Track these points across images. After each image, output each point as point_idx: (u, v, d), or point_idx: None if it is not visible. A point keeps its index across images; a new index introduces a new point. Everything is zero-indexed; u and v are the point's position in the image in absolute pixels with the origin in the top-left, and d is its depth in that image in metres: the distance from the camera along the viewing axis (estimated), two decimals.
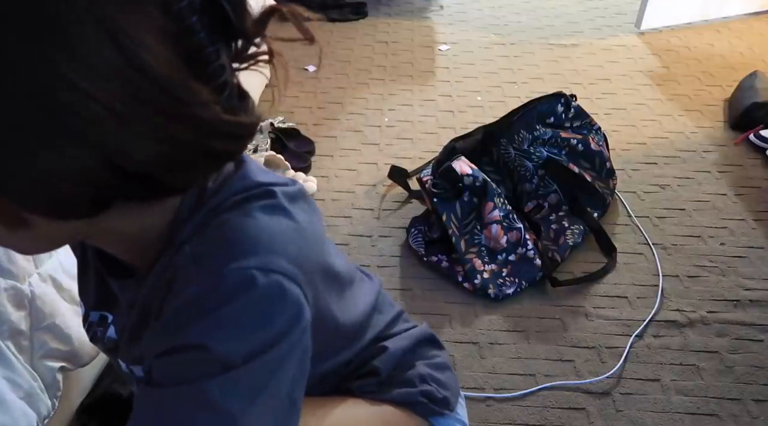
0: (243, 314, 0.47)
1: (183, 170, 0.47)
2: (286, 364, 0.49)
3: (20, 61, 0.39)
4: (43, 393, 0.94)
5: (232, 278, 0.47)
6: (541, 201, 1.66)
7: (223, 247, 0.49)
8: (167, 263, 0.52)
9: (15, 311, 0.92)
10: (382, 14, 2.92)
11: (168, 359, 0.48)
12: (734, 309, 1.43)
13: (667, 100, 2.24)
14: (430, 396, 0.76)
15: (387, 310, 0.81)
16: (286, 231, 0.53)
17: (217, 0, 0.45)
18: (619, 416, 1.20)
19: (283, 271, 0.49)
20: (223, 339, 0.47)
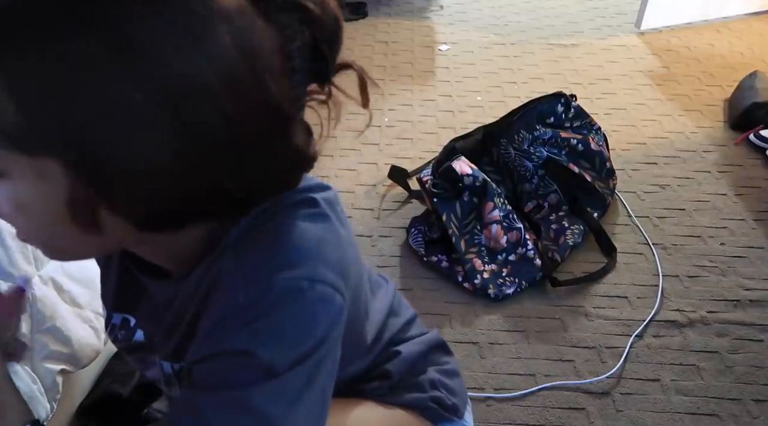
0: (290, 323, 0.48)
1: (261, 194, 0.50)
2: (323, 368, 0.51)
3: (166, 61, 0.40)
4: (42, 396, 0.94)
5: (280, 288, 0.48)
6: (541, 201, 1.66)
7: (271, 255, 0.50)
8: (209, 267, 0.52)
9: None
10: (382, 14, 2.92)
11: (213, 363, 0.49)
12: (734, 309, 1.43)
13: (667, 100, 2.24)
14: (439, 402, 0.76)
15: (402, 313, 0.81)
16: (330, 239, 0.53)
17: (320, 47, 0.49)
18: (619, 416, 1.20)
19: (328, 281, 0.50)
20: (270, 347, 0.48)
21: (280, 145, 0.47)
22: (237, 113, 0.43)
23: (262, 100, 0.44)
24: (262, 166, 0.47)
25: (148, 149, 0.41)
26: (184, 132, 0.41)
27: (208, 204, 0.47)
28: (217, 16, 0.41)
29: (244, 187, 0.47)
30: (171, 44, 0.40)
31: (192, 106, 0.41)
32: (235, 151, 0.44)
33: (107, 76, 0.39)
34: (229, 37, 0.42)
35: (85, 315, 1.04)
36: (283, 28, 0.45)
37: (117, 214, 0.45)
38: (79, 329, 1.02)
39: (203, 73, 0.41)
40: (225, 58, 0.42)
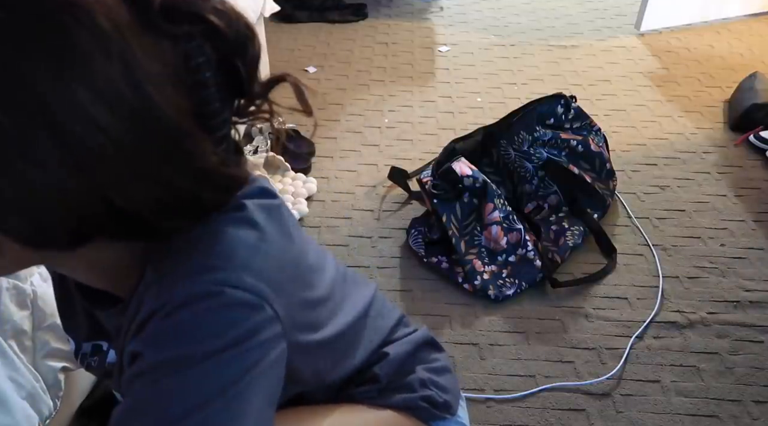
0: (194, 322, 0.47)
1: (171, 216, 0.48)
2: (250, 379, 0.48)
3: (39, 84, 0.39)
4: (45, 393, 0.94)
5: (188, 290, 0.47)
6: (541, 202, 1.66)
7: (183, 261, 0.49)
8: (144, 289, 0.52)
9: (18, 311, 0.92)
10: (382, 15, 2.92)
11: (131, 372, 0.48)
12: (734, 310, 1.43)
13: (666, 101, 2.24)
14: (430, 400, 0.76)
15: (388, 315, 0.80)
16: (252, 244, 0.51)
17: (232, 61, 0.47)
18: (619, 417, 1.20)
19: (245, 286, 0.48)
20: (166, 347, 0.47)
21: (181, 163, 0.45)
22: (112, 124, 0.41)
23: (145, 116, 0.42)
24: (158, 184, 0.45)
25: (27, 170, 0.40)
26: (58, 146, 0.40)
27: (102, 222, 0.45)
28: (94, 39, 0.40)
29: (138, 206, 0.45)
30: (55, 85, 0.39)
31: (64, 124, 0.40)
32: (115, 165, 0.42)
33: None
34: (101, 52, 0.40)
35: None
36: (182, 41, 0.44)
37: (6, 234, 0.44)
38: None
39: (73, 93, 0.40)
40: (111, 85, 0.41)
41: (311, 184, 1.77)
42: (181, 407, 0.45)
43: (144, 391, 0.47)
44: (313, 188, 1.76)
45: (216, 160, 0.47)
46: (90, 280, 0.56)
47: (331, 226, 1.66)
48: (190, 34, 0.45)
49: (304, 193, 1.73)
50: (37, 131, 0.40)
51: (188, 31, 0.45)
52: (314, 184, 1.77)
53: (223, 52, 0.47)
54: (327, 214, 1.70)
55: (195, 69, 0.45)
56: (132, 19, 0.42)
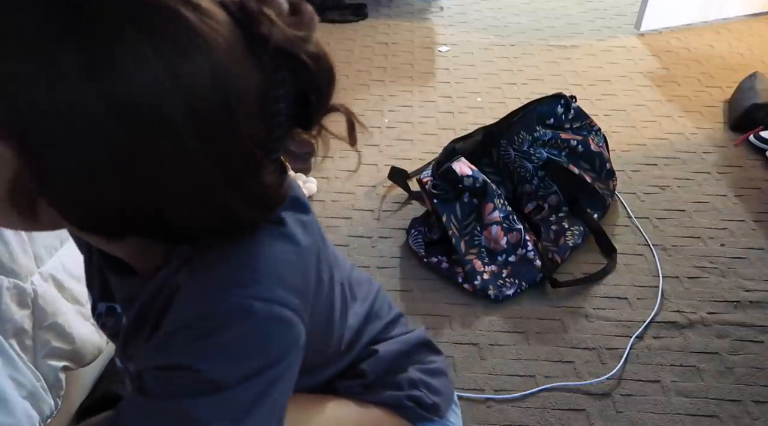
0: (237, 341, 0.48)
1: (214, 232, 0.49)
2: (274, 388, 0.50)
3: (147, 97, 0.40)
4: (46, 393, 0.94)
5: (231, 306, 0.48)
6: (541, 202, 1.66)
7: (227, 273, 0.50)
8: (169, 275, 0.52)
9: (18, 310, 0.92)
10: (382, 15, 2.92)
11: (160, 373, 0.49)
12: (734, 310, 1.43)
13: (667, 101, 2.24)
14: (418, 401, 0.75)
15: (384, 315, 0.80)
16: (288, 259, 0.53)
17: (307, 95, 0.48)
18: (619, 417, 1.20)
19: (284, 302, 0.50)
20: (214, 363, 0.48)
21: (242, 187, 0.46)
22: (197, 153, 0.43)
23: (228, 142, 0.44)
24: (215, 205, 0.46)
25: (96, 159, 0.41)
26: (137, 154, 0.41)
27: (146, 226, 0.47)
28: (201, 50, 0.41)
29: (190, 220, 0.47)
30: (145, 67, 0.40)
31: (150, 132, 0.41)
32: (185, 184, 0.44)
33: (72, 82, 0.39)
34: (209, 72, 0.41)
35: (87, 313, 1.04)
36: (271, 72, 0.45)
37: (54, 208, 0.45)
38: (81, 326, 1.02)
39: (171, 101, 0.41)
40: (198, 91, 0.41)
41: (311, 184, 1.77)
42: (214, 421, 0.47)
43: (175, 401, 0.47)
44: (313, 188, 1.76)
45: (269, 183, 0.48)
46: (113, 252, 0.57)
47: (331, 226, 1.66)
48: (281, 68, 0.46)
49: (304, 193, 1.72)
50: (128, 142, 0.41)
51: (281, 65, 0.46)
52: (314, 184, 1.77)
53: (303, 87, 0.48)
54: (327, 214, 1.70)
55: (274, 99, 0.46)
56: (243, 52, 0.44)
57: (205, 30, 0.41)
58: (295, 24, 0.46)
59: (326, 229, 1.65)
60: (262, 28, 0.44)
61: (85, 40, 0.39)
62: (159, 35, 0.40)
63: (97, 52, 0.39)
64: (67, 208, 0.45)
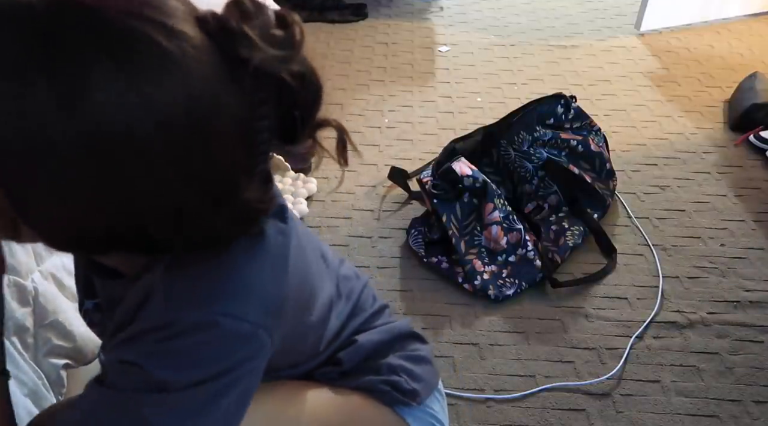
0: (192, 350, 0.50)
1: (197, 246, 0.50)
2: (226, 395, 0.51)
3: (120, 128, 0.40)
4: (47, 390, 0.94)
5: (193, 317, 0.50)
6: (541, 202, 1.66)
7: (196, 285, 0.51)
8: (149, 281, 0.53)
9: (19, 308, 0.92)
10: (382, 15, 2.92)
11: (119, 367, 0.51)
12: (734, 310, 1.43)
13: (667, 101, 2.24)
14: (395, 385, 0.75)
15: (368, 307, 0.80)
16: (263, 275, 0.54)
17: (290, 112, 0.48)
18: (619, 417, 1.20)
19: (250, 319, 0.51)
20: (165, 367, 0.49)
21: (224, 206, 0.47)
22: (174, 179, 0.43)
23: (208, 171, 0.44)
24: (196, 223, 0.47)
25: (71, 188, 0.42)
26: (112, 183, 0.42)
27: (129, 243, 0.48)
28: (175, 75, 0.41)
29: (171, 236, 0.47)
30: (118, 101, 0.39)
31: (124, 162, 0.41)
32: (164, 209, 0.44)
33: (44, 113, 0.39)
34: (183, 98, 0.41)
35: None
36: (252, 93, 0.45)
37: (33, 231, 0.46)
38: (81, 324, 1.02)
39: (144, 133, 0.40)
40: (172, 119, 0.41)
41: (311, 184, 1.77)
42: (159, 419, 0.49)
43: (125, 394, 0.50)
44: (313, 188, 1.76)
45: (252, 198, 0.48)
46: (97, 258, 0.58)
47: (331, 226, 1.66)
48: (261, 88, 0.45)
49: (304, 193, 1.73)
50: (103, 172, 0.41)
51: (262, 85, 0.45)
52: (314, 184, 1.77)
53: (287, 106, 0.48)
54: (327, 214, 1.70)
55: (256, 117, 0.46)
56: (221, 75, 0.43)
57: (180, 56, 0.41)
58: (279, 41, 0.45)
59: (326, 229, 1.65)
60: (242, 51, 0.43)
61: (56, 72, 0.39)
62: (132, 64, 0.40)
63: (69, 83, 0.39)
64: (46, 232, 0.46)
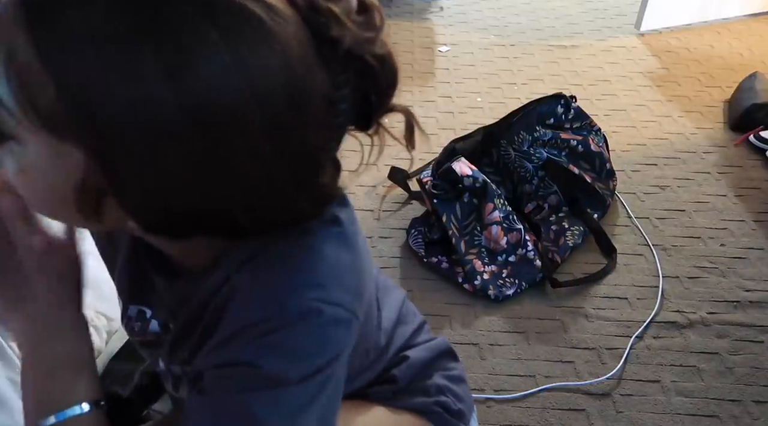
0: (300, 340, 0.49)
1: (275, 226, 0.50)
2: (329, 386, 0.51)
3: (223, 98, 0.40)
4: None
5: (295, 307, 0.49)
6: (541, 202, 1.66)
7: (289, 276, 0.50)
8: (225, 278, 0.52)
9: None
10: None
11: (220, 372, 0.50)
12: (734, 310, 1.43)
13: (667, 101, 2.24)
14: (445, 406, 0.76)
15: (411, 321, 0.81)
16: (348, 261, 0.54)
17: (369, 96, 0.48)
18: (619, 417, 1.20)
19: (344, 304, 0.51)
20: (276, 360, 0.48)
21: (307, 187, 0.47)
22: (270, 155, 0.43)
23: (299, 149, 0.44)
24: (282, 204, 0.47)
25: (171, 161, 0.41)
26: (211, 157, 0.42)
27: (214, 225, 0.47)
28: (275, 54, 0.41)
29: (255, 218, 0.47)
30: (223, 73, 0.40)
31: (226, 136, 0.41)
32: (256, 187, 0.44)
33: (152, 84, 0.39)
34: (281, 72, 0.41)
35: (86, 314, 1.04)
36: (337, 74, 0.45)
37: (124, 210, 0.45)
38: None
39: (247, 108, 0.41)
40: (271, 93, 0.41)
41: None
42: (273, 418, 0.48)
43: (237, 397, 0.48)
44: None
45: (329, 182, 0.49)
46: (172, 252, 0.57)
47: None
48: (346, 69, 0.46)
49: None
50: (203, 144, 0.41)
51: (346, 66, 0.46)
52: None
53: (365, 88, 0.48)
54: None
55: (338, 100, 0.46)
56: (313, 53, 0.43)
57: (278, 31, 0.41)
58: (363, 24, 0.46)
59: None
60: (333, 30, 0.44)
61: (163, 41, 0.39)
62: (234, 36, 0.40)
63: (175, 53, 0.39)
64: (136, 209, 0.45)
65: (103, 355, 1.12)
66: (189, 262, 0.57)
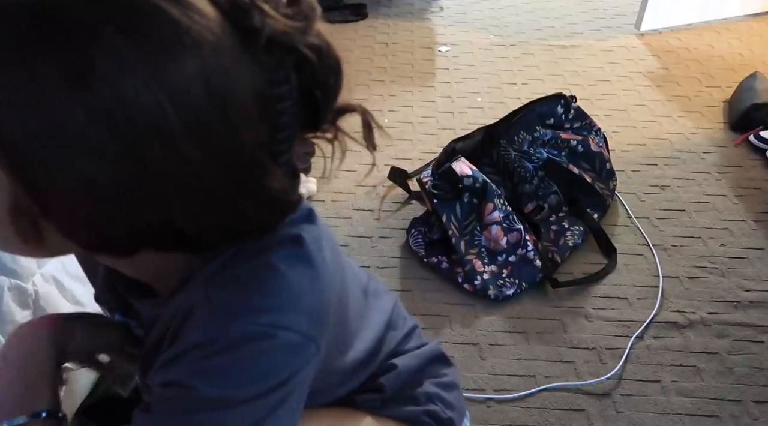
0: (241, 365, 0.48)
1: (228, 238, 0.48)
2: (281, 409, 0.50)
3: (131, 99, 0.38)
4: None
5: (241, 331, 0.48)
6: (541, 202, 1.66)
7: (240, 297, 0.49)
8: (187, 296, 0.52)
9: (20, 311, 0.92)
10: (382, 15, 2.92)
11: (163, 390, 0.49)
12: (734, 310, 1.43)
13: (666, 101, 2.24)
14: (434, 416, 0.75)
15: (401, 326, 0.80)
16: (305, 284, 0.52)
17: (313, 93, 0.46)
18: (619, 417, 1.20)
19: (297, 328, 0.49)
20: (213, 384, 0.47)
21: (250, 192, 0.45)
22: (196, 156, 0.40)
23: (229, 146, 0.42)
24: (225, 211, 0.45)
25: (92, 174, 0.39)
26: (134, 164, 0.39)
27: (160, 237, 0.46)
28: (186, 48, 0.39)
29: (202, 228, 0.45)
30: (129, 72, 0.37)
31: (144, 140, 0.39)
32: (191, 193, 0.42)
33: (55, 97, 0.37)
34: (198, 72, 0.39)
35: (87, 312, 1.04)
36: (271, 70, 0.43)
37: (57, 230, 0.44)
38: None
39: (162, 109, 0.38)
40: (190, 97, 0.39)
41: (311, 184, 1.77)
42: None
43: (178, 418, 0.48)
44: (312, 188, 1.76)
45: (280, 187, 0.46)
46: (129, 274, 0.56)
47: (331, 226, 1.66)
48: (281, 64, 0.44)
49: (304, 193, 1.73)
50: (124, 154, 0.39)
51: (281, 61, 0.44)
52: (314, 184, 1.77)
53: (307, 83, 0.46)
54: (327, 214, 1.70)
55: (277, 97, 0.44)
56: (235, 48, 0.41)
57: (191, 26, 0.39)
58: (291, 15, 0.44)
59: None
60: (253, 19, 0.41)
61: (61, 48, 0.37)
62: (141, 35, 0.38)
63: (76, 59, 0.37)
64: (71, 229, 0.43)
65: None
66: (157, 285, 0.56)
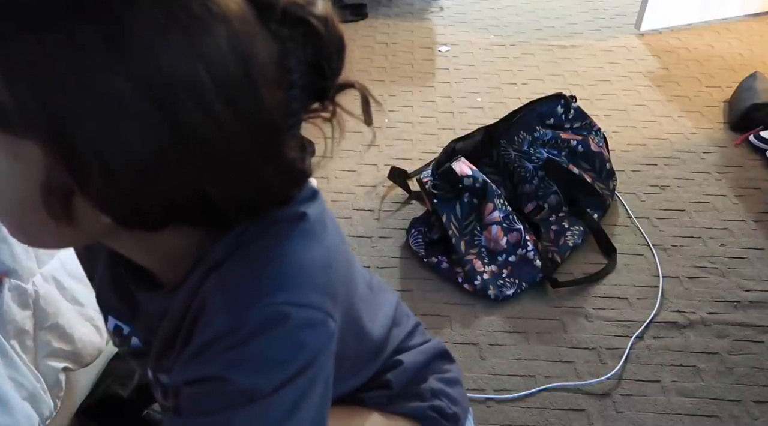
0: (271, 348, 0.48)
1: (249, 208, 0.49)
2: (311, 391, 0.49)
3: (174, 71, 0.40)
4: (45, 393, 0.94)
5: (262, 314, 0.47)
6: (541, 202, 1.66)
7: (255, 280, 0.49)
8: (197, 286, 0.51)
9: (20, 311, 0.92)
10: (382, 15, 2.92)
11: (195, 389, 0.48)
12: (734, 310, 1.43)
13: (667, 101, 2.24)
14: (440, 411, 0.76)
15: (404, 323, 0.80)
16: (318, 259, 0.52)
17: (321, 64, 0.48)
18: (619, 417, 1.20)
19: (315, 304, 0.50)
20: (247, 372, 0.47)
21: (271, 157, 0.46)
22: (227, 117, 0.42)
23: (254, 108, 0.43)
24: (249, 176, 0.46)
25: (133, 142, 0.41)
26: (171, 129, 0.41)
27: (190, 208, 0.46)
28: (216, 17, 0.41)
29: (229, 196, 0.46)
30: (165, 39, 0.39)
31: (181, 105, 0.40)
32: (221, 157, 0.44)
33: (97, 65, 0.39)
34: (227, 39, 0.41)
35: (87, 313, 1.05)
36: (283, 41, 0.45)
37: (93, 204, 0.44)
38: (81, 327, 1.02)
39: (195, 71, 0.40)
40: (220, 59, 0.41)
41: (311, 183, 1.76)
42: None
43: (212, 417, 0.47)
44: None
45: (295, 155, 0.48)
46: (144, 261, 0.56)
47: None
48: (292, 36, 0.45)
49: None
50: (161, 120, 0.40)
51: (292, 33, 0.45)
52: (314, 184, 1.77)
53: (315, 56, 0.47)
54: None
55: (288, 69, 0.46)
56: (255, 20, 0.44)
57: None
58: None
59: None
60: None
61: (101, 16, 0.38)
62: (176, 5, 0.40)
63: (115, 27, 0.39)
64: (106, 200, 0.43)
65: (103, 356, 1.12)
66: (167, 273, 0.56)
